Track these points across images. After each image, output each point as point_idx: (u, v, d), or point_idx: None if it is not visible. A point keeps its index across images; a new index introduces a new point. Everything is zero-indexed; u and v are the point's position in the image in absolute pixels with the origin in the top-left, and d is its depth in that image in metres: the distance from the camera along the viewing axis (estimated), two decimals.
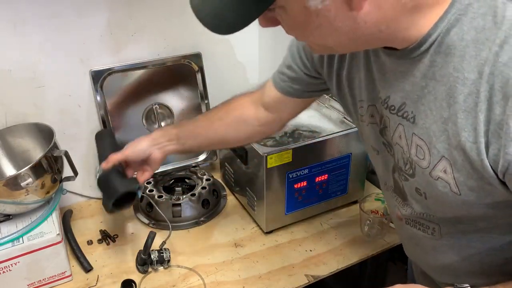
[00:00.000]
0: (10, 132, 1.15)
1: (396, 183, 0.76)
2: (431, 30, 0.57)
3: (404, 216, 0.77)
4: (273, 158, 1.10)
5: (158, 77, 1.30)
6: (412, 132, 0.64)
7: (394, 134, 0.69)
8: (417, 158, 0.65)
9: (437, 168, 0.62)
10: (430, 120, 0.61)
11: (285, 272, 1.09)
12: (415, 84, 0.62)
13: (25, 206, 1.03)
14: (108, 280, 1.07)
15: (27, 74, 1.14)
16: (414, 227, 0.77)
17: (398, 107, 0.66)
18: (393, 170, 0.75)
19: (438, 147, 0.61)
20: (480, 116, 0.54)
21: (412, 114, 0.64)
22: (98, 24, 1.18)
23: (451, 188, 0.62)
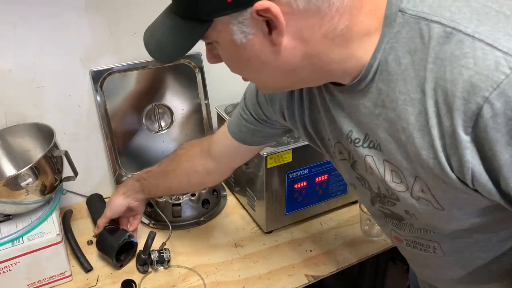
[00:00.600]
0: (10, 132, 1.15)
1: (382, 212, 0.76)
2: (371, 60, 0.59)
3: (404, 237, 0.78)
4: (273, 158, 1.10)
5: (158, 77, 1.30)
6: (383, 159, 0.65)
7: (366, 167, 0.69)
8: (394, 183, 0.65)
9: (415, 189, 0.63)
10: (393, 146, 0.62)
11: (285, 272, 1.09)
12: (370, 114, 0.63)
13: (25, 206, 1.03)
14: (108, 280, 1.07)
15: (27, 74, 1.14)
16: (415, 248, 0.77)
17: (362, 139, 0.67)
18: (372, 202, 0.76)
19: (409, 168, 0.62)
20: (433, 132, 0.56)
21: (377, 143, 0.65)
22: (98, 24, 1.18)
23: (433, 205, 0.63)
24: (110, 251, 1.07)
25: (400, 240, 0.79)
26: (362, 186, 0.76)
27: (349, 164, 0.76)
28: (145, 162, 1.34)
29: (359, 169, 0.74)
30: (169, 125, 1.36)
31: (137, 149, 1.33)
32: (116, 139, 1.29)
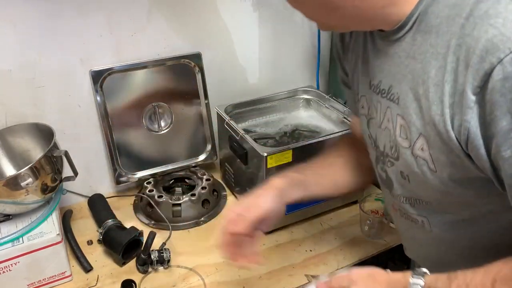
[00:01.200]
0: (10, 132, 1.15)
1: (381, 177, 0.80)
2: (413, 10, 0.62)
3: (398, 207, 0.80)
4: (273, 158, 1.10)
5: (158, 77, 1.30)
6: (397, 113, 0.69)
7: (383, 119, 0.72)
8: (401, 138, 0.69)
9: (416, 146, 0.66)
10: (409, 99, 0.65)
11: (285, 272, 1.09)
12: (400, 64, 0.66)
13: (25, 206, 1.03)
14: (108, 280, 1.07)
15: (27, 74, 1.14)
16: (407, 219, 0.80)
17: (387, 90, 0.70)
18: (376, 162, 0.79)
19: (416, 124, 0.65)
20: (446, 88, 0.58)
21: (397, 95, 0.68)
22: (98, 24, 1.18)
23: (429, 165, 0.65)
24: (118, 247, 1.07)
25: (395, 210, 0.82)
26: (371, 145, 0.80)
27: (366, 121, 0.79)
28: (145, 162, 1.34)
29: (372, 127, 0.77)
30: (169, 125, 1.36)
31: (137, 149, 1.33)
32: (116, 139, 1.29)
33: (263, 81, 1.50)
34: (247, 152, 1.18)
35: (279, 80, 1.52)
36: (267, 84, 1.51)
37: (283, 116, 1.40)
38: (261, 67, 1.48)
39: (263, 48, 1.45)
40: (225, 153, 1.35)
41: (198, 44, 1.33)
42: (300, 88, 1.44)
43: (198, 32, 1.32)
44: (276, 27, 1.44)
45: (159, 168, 1.35)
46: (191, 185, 1.34)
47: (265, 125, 1.36)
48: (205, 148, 1.41)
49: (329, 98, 1.36)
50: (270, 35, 1.45)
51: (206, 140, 1.41)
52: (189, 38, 1.32)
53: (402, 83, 0.66)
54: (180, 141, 1.38)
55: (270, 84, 1.51)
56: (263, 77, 1.50)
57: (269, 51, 1.47)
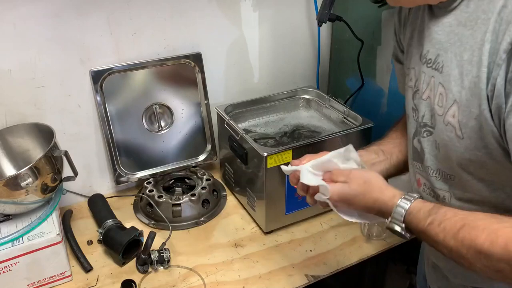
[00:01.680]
0: (10, 132, 1.15)
1: (415, 150, 0.82)
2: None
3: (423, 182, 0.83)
4: (273, 158, 1.10)
5: (158, 77, 1.30)
6: (439, 81, 0.72)
7: (426, 89, 0.76)
8: (437, 106, 0.72)
9: (449, 113, 0.69)
10: (453, 65, 0.68)
11: (285, 272, 1.09)
12: (450, 33, 0.70)
13: (25, 206, 1.03)
14: (108, 280, 1.07)
15: (27, 74, 1.14)
16: (429, 195, 0.82)
17: (433, 59, 0.73)
18: (414, 135, 0.81)
19: (453, 91, 0.68)
20: (486, 47, 0.61)
21: (441, 64, 0.71)
22: (98, 24, 1.18)
23: (456, 132, 0.69)
24: (118, 247, 1.08)
25: (419, 185, 0.84)
26: (412, 118, 0.82)
27: (412, 93, 0.82)
28: (145, 162, 1.34)
29: (416, 98, 0.80)
30: (169, 125, 1.36)
31: (137, 149, 1.33)
32: (116, 139, 1.29)
33: (263, 81, 1.50)
34: (247, 152, 1.18)
35: (279, 80, 1.52)
36: (267, 84, 1.51)
37: (283, 116, 1.40)
38: (261, 67, 1.48)
39: (263, 48, 1.45)
40: (225, 153, 1.35)
41: (198, 44, 1.33)
42: (300, 88, 1.44)
43: (198, 32, 1.32)
44: (276, 27, 1.44)
45: (159, 168, 1.35)
46: (191, 185, 1.34)
47: (265, 125, 1.36)
48: (205, 148, 1.41)
49: (329, 98, 1.36)
50: (270, 35, 1.45)
51: (206, 140, 1.41)
52: (189, 38, 1.32)
53: (449, 51, 0.69)
54: (180, 141, 1.38)
55: (270, 84, 1.51)
56: (263, 77, 1.50)
57: (269, 51, 1.47)
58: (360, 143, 1.21)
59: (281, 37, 1.47)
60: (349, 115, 1.28)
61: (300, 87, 1.45)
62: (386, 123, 1.31)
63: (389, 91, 1.29)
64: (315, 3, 1.42)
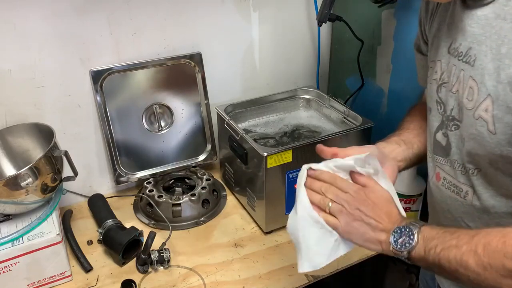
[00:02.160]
0: (10, 132, 1.15)
1: (437, 144, 0.81)
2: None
3: (443, 176, 0.81)
4: (273, 158, 1.10)
5: (158, 77, 1.30)
6: (469, 75, 0.70)
7: (455, 82, 0.74)
8: (467, 100, 0.71)
9: (481, 107, 0.68)
10: (488, 59, 0.67)
11: (285, 272, 1.09)
12: (486, 26, 0.68)
13: (25, 206, 1.03)
14: (108, 280, 1.07)
15: (27, 74, 1.14)
16: (448, 189, 0.80)
17: (465, 52, 0.72)
18: (439, 128, 0.80)
19: (487, 85, 0.67)
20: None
21: (474, 57, 0.70)
22: (98, 24, 1.18)
23: (488, 126, 0.68)
24: (118, 247, 1.08)
25: (438, 178, 0.82)
26: (437, 111, 0.81)
27: (436, 86, 0.80)
28: (145, 162, 1.34)
29: (442, 91, 0.78)
30: (169, 125, 1.36)
31: (137, 149, 1.33)
32: (116, 139, 1.29)
33: (263, 81, 1.50)
34: (247, 152, 1.18)
35: (279, 80, 1.52)
36: (267, 84, 1.51)
37: (283, 116, 1.40)
38: (261, 67, 1.48)
39: (263, 48, 1.45)
40: (225, 153, 1.35)
41: (198, 44, 1.33)
42: (300, 88, 1.44)
43: (198, 32, 1.32)
44: (276, 27, 1.44)
45: (159, 168, 1.35)
46: (191, 185, 1.34)
47: (265, 125, 1.36)
48: (205, 148, 1.41)
49: (329, 98, 1.36)
50: (270, 35, 1.45)
51: (206, 140, 1.41)
52: (189, 38, 1.32)
53: (483, 44, 0.68)
54: (180, 141, 1.38)
55: (270, 84, 1.51)
56: (263, 77, 1.50)
57: (269, 51, 1.47)
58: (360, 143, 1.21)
59: (281, 37, 1.47)
60: (349, 115, 1.28)
61: (300, 87, 1.45)
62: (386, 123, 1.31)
63: (389, 91, 1.29)
64: (315, 3, 1.42)
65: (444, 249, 0.65)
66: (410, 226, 0.70)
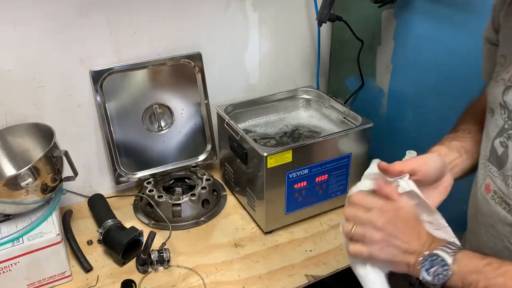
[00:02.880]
0: (10, 132, 1.15)
1: (493, 151, 0.72)
2: None
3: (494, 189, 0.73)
4: (273, 158, 1.10)
5: (158, 77, 1.30)
6: None
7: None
8: None
9: None
10: None
11: (285, 272, 1.09)
12: None
13: (25, 206, 1.03)
14: (108, 280, 1.07)
15: (27, 74, 1.14)
16: (499, 204, 0.72)
17: None
18: (499, 134, 0.72)
19: None
20: None
21: None
22: (98, 24, 1.18)
23: None
24: (118, 247, 1.08)
25: (488, 190, 0.74)
26: (499, 115, 0.71)
27: (504, 87, 0.71)
28: (145, 162, 1.34)
29: (509, 95, 0.69)
30: (169, 125, 1.36)
31: (137, 149, 1.33)
32: (116, 139, 1.29)
33: (263, 81, 1.50)
34: (247, 152, 1.18)
35: (279, 80, 1.52)
36: (267, 84, 1.51)
37: (283, 116, 1.40)
38: (261, 67, 1.48)
39: (263, 48, 1.45)
40: (225, 153, 1.35)
41: (198, 44, 1.33)
42: (300, 88, 1.44)
43: (198, 32, 1.32)
44: (276, 27, 1.44)
45: (159, 168, 1.35)
46: (191, 185, 1.34)
47: (265, 125, 1.36)
48: (205, 148, 1.41)
49: (329, 98, 1.36)
50: (270, 35, 1.45)
51: (206, 140, 1.41)
52: (189, 38, 1.32)
53: None
54: (180, 141, 1.38)
55: (270, 84, 1.51)
56: (263, 77, 1.50)
57: (269, 51, 1.47)
58: (360, 143, 1.22)
59: (281, 37, 1.47)
60: (349, 115, 1.28)
61: (300, 87, 1.45)
62: (386, 123, 1.31)
63: (389, 91, 1.29)
64: (315, 3, 1.42)
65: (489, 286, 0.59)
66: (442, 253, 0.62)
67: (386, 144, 1.32)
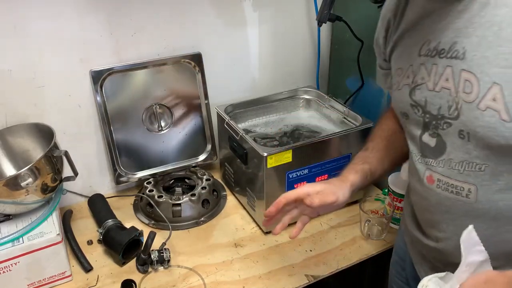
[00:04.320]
0: (10, 132, 1.15)
1: (425, 146, 0.78)
2: None
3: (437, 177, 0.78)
4: (273, 158, 1.10)
5: (158, 77, 1.30)
6: (461, 68, 0.69)
7: (439, 80, 0.73)
8: (465, 94, 0.68)
9: (486, 97, 0.65)
10: (484, 48, 0.65)
11: (285, 272, 1.09)
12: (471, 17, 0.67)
13: (25, 206, 1.03)
14: (108, 280, 1.07)
15: (27, 74, 1.14)
16: (445, 191, 0.77)
17: (448, 48, 0.71)
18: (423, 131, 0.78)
19: (490, 73, 0.65)
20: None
21: (462, 50, 0.69)
22: (98, 24, 1.18)
23: (501, 115, 0.65)
24: (118, 247, 1.08)
25: (431, 181, 0.79)
26: (415, 114, 0.79)
27: (409, 91, 0.79)
28: (145, 162, 1.34)
29: (418, 94, 0.77)
30: (169, 125, 1.36)
31: (137, 149, 1.33)
32: (116, 139, 1.29)
33: (263, 81, 1.50)
34: (247, 152, 1.18)
35: (279, 80, 1.52)
36: (267, 84, 1.51)
37: (283, 116, 1.40)
38: (261, 67, 1.48)
39: (263, 48, 1.45)
40: (225, 153, 1.35)
41: (198, 44, 1.33)
42: (300, 88, 1.44)
43: (198, 32, 1.33)
44: (276, 27, 1.44)
45: (159, 168, 1.35)
46: (191, 185, 1.34)
47: (265, 125, 1.36)
48: (205, 148, 1.41)
49: (329, 98, 1.36)
50: (270, 35, 1.45)
51: (206, 140, 1.41)
52: (189, 38, 1.32)
53: (473, 35, 0.67)
54: (180, 141, 1.38)
55: (270, 84, 1.51)
56: (263, 77, 1.50)
57: (269, 51, 1.47)
58: (360, 143, 1.21)
59: (281, 37, 1.47)
60: (349, 115, 1.28)
61: (300, 87, 1.45)
62: None
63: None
64: (315, 3, 1.42)
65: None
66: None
67: None
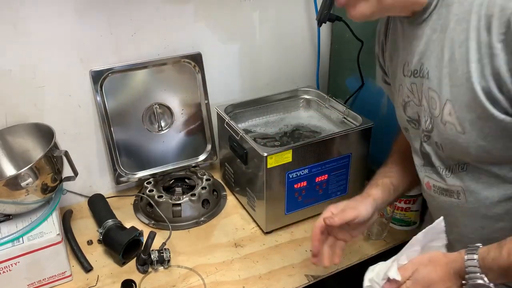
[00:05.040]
0: (10, 132, 1.15)
1: (425, 156, 0.84)
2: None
3: (432, 184, 0.85)
4: (273, 158, 1.10)
5: (158, 77, 1.30)
6: (428, 86, 0.76)
7: (422, 97, 0.79)
8: (433, 109, 0.76)
9: (444, 112, 0.72)
10: (437, 69, 0.72)
11: (285, 272, 1.09)
12: (428, 42, 0.74)
13: (25, 206, 1.03)
14: (108, 280, 1.07)
15: (27, 74, 1.14)
16: (441, 195, 0.84)
17: (419, 69, 0.78)
18: (422, 142, 0.84)
19: (443, 91, 0.71)
20: (471, 45, 0.64)
21: (427, 70, 0.75)
22: (98, 24, 1.18)
23: (456, 128, 0.71)
24: (118, 247, 1.08)
25: (429, 187, 0.86)
26: (413, 128, 0.86)
27: (402, 108, 0.87)
28: (145, 162, 1.34)
29: (410, 110, 0.84)
30: (169, 125, 1.36)
31: (137, 149, 1.33)
32: (116, 139, 1.29)
33: (263, 81, 1.50)
34: (247, 152, 1.18)
35: (279, 80, 1.52)
36: (267, 84, 1.51)
37: (283, 116, 1.40)
38: (261, 67, 1.48)
39: (263, 48, 1.45)
40: (225, 153, 1.35)
41: (198, 44, 1.33)
42: (300, 88, 1.44)
43: (198, 32, 1.33)
44: (276, 27, 1.44)
45: (159, 168, 1.35)
46: (191, 185, 1.34)
47: (265, 125, 1.36)
48: (205, 148, 1.41)
49: (329, 98, 1.36)
50: (270, 35, 1.45)
51: (206, 140, 1.41)
52: (189, 38, 1.32)
53: (431, 57, 0.73)
54: (180, 141, 1.38)
55: (270, 84, 1.51)
56: (263, 77, 1.50)
57: (269, 51, 1.47)
58: (360, 143, 1.22)
59: (281, 37, 1.47)
60: (349, 115, 1.28)
61: (300, 87, 1.45)
62: (386, 123, 1.31)
63: None
64: (315, 3, 1.42)
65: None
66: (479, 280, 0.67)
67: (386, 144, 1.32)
